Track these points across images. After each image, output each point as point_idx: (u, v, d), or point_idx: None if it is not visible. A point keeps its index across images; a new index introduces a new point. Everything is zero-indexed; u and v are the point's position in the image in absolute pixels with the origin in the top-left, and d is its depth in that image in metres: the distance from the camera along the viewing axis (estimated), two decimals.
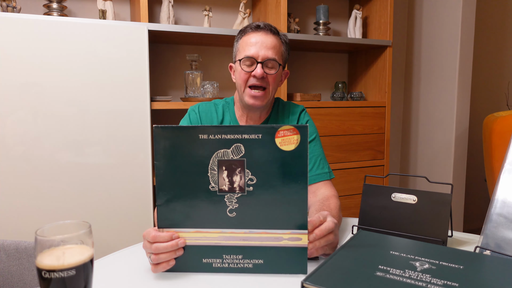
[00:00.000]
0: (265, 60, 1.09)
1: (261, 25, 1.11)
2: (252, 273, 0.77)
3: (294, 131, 0.74)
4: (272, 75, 1.11)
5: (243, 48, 1.12)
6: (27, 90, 1.56)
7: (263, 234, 0.76)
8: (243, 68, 1.10)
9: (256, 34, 1.11)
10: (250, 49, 1.09)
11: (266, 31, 1.11)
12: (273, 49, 1.10)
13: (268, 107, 1.20)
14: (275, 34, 1.12)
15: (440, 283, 0.59)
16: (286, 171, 0.74)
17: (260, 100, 1.11)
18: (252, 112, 1.17)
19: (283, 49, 1.15)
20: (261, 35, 1.10)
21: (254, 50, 1.09)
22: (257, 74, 1.08)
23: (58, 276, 0.52)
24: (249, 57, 1.09)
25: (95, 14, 2.00)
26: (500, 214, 0.77)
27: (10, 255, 1.09)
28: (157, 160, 0.74)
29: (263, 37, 1.10)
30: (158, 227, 0.76)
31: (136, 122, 1.72)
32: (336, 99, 2.41)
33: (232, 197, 0.75)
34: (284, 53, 1.16)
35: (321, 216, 0.79)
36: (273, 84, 1.12)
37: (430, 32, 2.64)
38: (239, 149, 0.74)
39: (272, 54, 1.09)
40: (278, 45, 1.12)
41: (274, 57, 1.10)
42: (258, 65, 1.08)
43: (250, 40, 1.10)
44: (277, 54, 1.11)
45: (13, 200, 1.56)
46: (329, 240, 0.78)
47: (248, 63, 1.10)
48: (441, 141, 2.58)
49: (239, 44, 1.14)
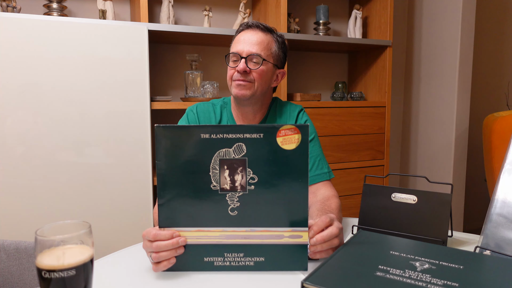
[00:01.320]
0: (248, 55, 1.09)
1: (252, 24, 1.13)
2: (253, 271, 0.77)
3: (295, 130, 0.74)
4: (256, 70, 1.10)
5: (232, 46, 1.14)
6: (27, 90, 1.56)
7: (264, 232, 0.76)
8: (228, 64, 1.12)
9: (246, 32, 1.12)
10: (237, 46, 1.11)
11: (254, 28, 1.12)
12: (259, 45, 1.10)
13: (263, 105, 1.18)
14: (265, 31, 1.12)
15: (440, 283, 0.59)
16: (287, 170, 0.75)
17: (244, 89, 1.10)
18: (242, 108, 1.16)
19: (274, 46, 1.14)
20: (249, 32, 1.12)
21: (240, 46, 1.10)
22: (239, 69, 1.08)
23: (58, 276, 0.52)
24: (234, 53, 1.10)
25: (95, 14, 2.00)
26: (500, 214, 0.77)
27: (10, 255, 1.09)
28: (158, 160, 0.74)
29: (251, 34, 1.11)
30: (160, 227, 0.76)
31: (136, 122, 1.72)
32: (336, 99, 2.41)
33: (233, 196, 0.75)
34: (276, 51, 1.14)
35: (328, 219, 0.78)
36: (259, 80, 1.11)
37: (430, 32, 2.64)
38: (240, 148, 0.75)
39: (256, 50, 1.09)
40: (266, 42, 1.11)
41: (259, 53, 1.09)
42: (242, 60, 1.09)
43: (240, 38, 1.12)
44: (263, 50, 1.10)
45: (13, 200, 1.56)
46: (333, 245, 0.77)
47: (234, 59, 1.11)
48: (441, 141, 2.58)
49: (232, 43, 1.16)
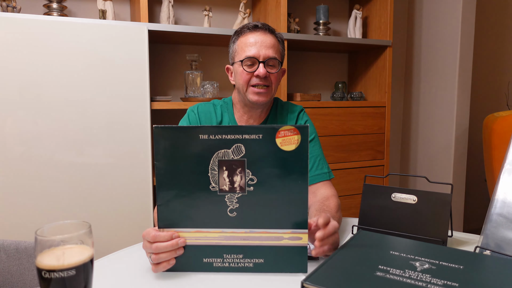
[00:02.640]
0: (266, 59, 1.09)
1: (259, 25, 1.12)
2: (252, 273, 0.77)
3: (294, 131, 0.74)
4: (274, 74, 1.12)
5: (242, 49, 1.11)
6: (27, 90, 1.55)
7: (264, 234, 0.76)
8: (245, 69, 1.10)
9: (255, 34, 1.11)
10: (251, 49, 1.09)
11: (264, 30, 1.12)
12: (273, 47, 1.11)
13: (268, 105, 1.20)
14: (272, 33, 1.13)
15: (440, 283, 0.59)
16: (286, 171, 0.74)
17: (264, 96, 1.11)
18: (254, 110, 1.17)
19: (280, 47, 1.16)
20: (259, 34, 1.11)
21: (255, 50, 1.09)
22: (261, 74, 1.08)
23: (58, 276, 0.52)
24: (250, 57, 1.09)
25: (95, 14, 2.00)
26: (500, 214, 0.77)
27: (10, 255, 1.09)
28: (157, 161, 0.74)
29: (262, 36, 1.10)
30: (159, 227, 0.76)
31: (136, 122, 1.72)
32: (336, 99, 2.40)
33: (232, 197, 0.75)
34: (282, 51, 1.17)
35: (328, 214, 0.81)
36: (275, 83, 1.14)
37: (430, 32, 2.64)
38: (239, 149, 0.74)
39: (272, 53, 1.10)
40: (276, 44, 1.13)
41: (275, 56, 1.11)
42: (260, 65, 1.09)
43: (249, 40, 1.10)
44: (276, 52, 1.12)
45: (13, 200, 1.56)
46: (335, 239, 0.80)
47: (249, 63, 1.10)
48: (441, 141, 2.58)
49: (236, 45, 1.14)
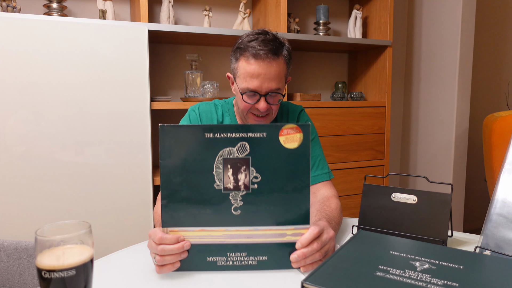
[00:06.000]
0: (268, 92, 1.04)
1: (261, 54, 1.01)
2: (256, 270, 0.77)
3: (297, 129, 0.75)
4: (276, 104, 1.08)
5: (244, 77, 1.04)
6: (27, 90, 1.55)
7: (267, 231, 0.76)
8: (245, 100, 1.06)
9: (259, 65, 1.02)
10: (253, 82, 1.03)
11: (269, 60, 1.02)
12: (276, 78, 1.04)
13: None
14: (276, 56, 1.03)
15: (440, 283, 0.59)
16: (289, 168, 0.75)
17: (264, 121, 1.09)
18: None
19: (286, 68, 1.07)
20: (264, 65, 1.02)
21: (258, 83, 1.03)
22: (262, 109, 1.05)
23: (58, 276, 0.52)
24: (251, 90, 1.04)
25: (95, 14, 2.00)
26: (500, 214, 0.77)
27: (10, 255, 1.09)
28: (162, 159, 0.74)
29: (266, 67, 1.02)
30: (163, 226, 0.76)
31: (136, 122, 1.72)
32: (336, 99, 2.40)
33: (237, 195, 0.76)
34: (287, 70, 1.09)
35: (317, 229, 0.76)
36: (276, 108, 1.09)
37: (430, 32, 2.64)
38: (244, 147, 0.75)
39: (275, 85, 1.04)
40: (280, 69, 1.04)
41: (278, 87, 1.05)
42: (262, 99, 1.04)
43: (252, 70, 1.02)
44: (280, 81, 1.05)
45: (13, 200, 1.56)
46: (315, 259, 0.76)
47: (250, 95, 1.05)
48: (441, 141, 2.58)
49: (238, 65, 1.06)
